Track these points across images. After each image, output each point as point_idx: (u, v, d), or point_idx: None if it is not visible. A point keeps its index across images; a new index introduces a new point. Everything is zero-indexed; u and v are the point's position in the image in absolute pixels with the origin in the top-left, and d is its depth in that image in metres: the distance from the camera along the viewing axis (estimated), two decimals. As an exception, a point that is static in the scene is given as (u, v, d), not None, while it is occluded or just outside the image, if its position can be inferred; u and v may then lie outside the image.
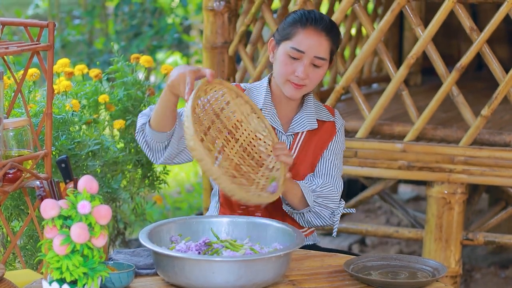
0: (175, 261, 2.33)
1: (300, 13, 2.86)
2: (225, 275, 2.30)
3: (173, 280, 2.36)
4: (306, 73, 2.81)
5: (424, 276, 2.42)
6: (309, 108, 2.93)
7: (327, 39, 2.83)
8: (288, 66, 2.83)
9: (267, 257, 2.33)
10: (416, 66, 6.31)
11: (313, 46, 2.81)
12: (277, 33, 2.89)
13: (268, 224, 2.61)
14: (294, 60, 2.82)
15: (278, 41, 2.87)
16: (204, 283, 2.31)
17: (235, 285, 2.31)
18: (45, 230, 2.07)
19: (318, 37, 2.82)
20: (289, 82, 2.83)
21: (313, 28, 2.82)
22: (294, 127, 2.92)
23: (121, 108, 4.01)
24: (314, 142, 2.94)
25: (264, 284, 2.36)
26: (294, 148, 2.92)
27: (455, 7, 3.96)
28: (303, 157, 2.92)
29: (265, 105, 2.90)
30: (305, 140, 2.93)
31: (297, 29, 2.83)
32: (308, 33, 2.82)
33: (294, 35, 2.82)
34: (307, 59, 2.81)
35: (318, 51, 2.82)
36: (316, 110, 2.96)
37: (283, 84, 2.85)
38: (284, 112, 2.94)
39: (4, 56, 2.93)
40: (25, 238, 3.61)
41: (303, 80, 2.82)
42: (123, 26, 6.74)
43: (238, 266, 2.30)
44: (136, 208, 4.15)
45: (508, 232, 5.07)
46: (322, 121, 2.96)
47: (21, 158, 2.94)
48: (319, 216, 2.85)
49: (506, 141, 4.06)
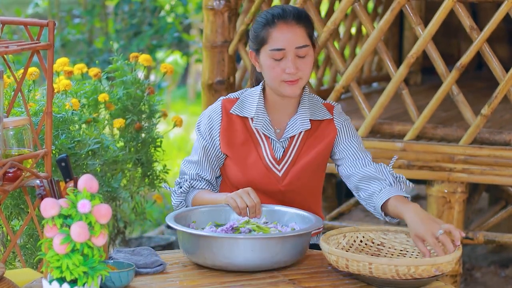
0: (217, 241, 2.48)
1: (264, 14, 2.86)
2: (263, 253, 2.47)
3: (210, 261, 2.50)
4: (295, 67, 2.80)
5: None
6: (303, 109, 2.91)
7: (299, 27, 2.82)
8: (276, 68, 2.82)
9: (302, 232, 2.54)
10: (416, 65, 6.31)
11: (290, 39, 2.80)
12: (251, 43, 2.88)
13: (286, 211, 2.77)
14: (279, 61, 2.81)
15: (257, 50, 2.86)
16: (243, 261, 2.48)
17: (272, 262, 2.50)
18: (45, 229, 2.07)
19: (290, 29, 2.81)
20: (284, 82, 2.82)
21: (282, 22, 2.81)
22: (288, 132, 2.90)
23: (121, 107, 4.01)
24: (312, 141, 2.91)
25: (292, 261, 2.56)
26: (289, 152, 2.91)
27: (455, 6, 3.96)
28: (301, 159, 2.91)
29: (257, 113, 2.89)
30: (301, 142, 2.91)
31: (268, 31, 2.82)
32: (280, 29, 2.81)
33: (268, 37, 2.81)
34: (291, 54, 2.80)
35: (296, 42, 2.81)
36: (311, 110, 2.92)
37: (279, 87, 2.83)
38: (280, 118, 2.92)
39: (4, 55, 2.93)
40: (25, 237, 3.61)
41: (295, 74, 2.81)
42: (123, 25, 6.74)
43: (275, 243, 2.48)
44: (136, 207, 4.15)
45: (508, 231, 5.06)
46: (318, 120, 2.93)
47: (21, 157, 2.94)
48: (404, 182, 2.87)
49: (506, 140, 4.06)
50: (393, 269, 2.34)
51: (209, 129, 2.91)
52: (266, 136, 2.89)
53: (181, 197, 2.92)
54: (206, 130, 2.92)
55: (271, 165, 2.88)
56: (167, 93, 10.43)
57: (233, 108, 2.91)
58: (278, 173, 2.89)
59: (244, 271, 2.51)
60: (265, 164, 2.88)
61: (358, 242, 2.64)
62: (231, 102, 2.92)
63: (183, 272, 2.54)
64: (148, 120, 4.10)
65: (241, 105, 2.91)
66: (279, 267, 2.54)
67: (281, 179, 2.89)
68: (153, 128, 4.11)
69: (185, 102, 11.26)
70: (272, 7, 2.90)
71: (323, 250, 2.46)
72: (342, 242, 2.61)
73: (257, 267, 2.50)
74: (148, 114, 4.09)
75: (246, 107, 2.91)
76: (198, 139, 2.95)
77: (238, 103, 2.92)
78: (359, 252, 2.62)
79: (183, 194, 2.92)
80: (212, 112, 2.93)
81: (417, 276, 2.36)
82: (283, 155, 2.89)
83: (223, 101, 2.93)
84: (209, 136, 2.91)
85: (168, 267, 2.57)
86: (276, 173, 2.89)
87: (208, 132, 2.91)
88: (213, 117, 2.91)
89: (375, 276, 2.37)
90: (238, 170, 2.90)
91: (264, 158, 2.88)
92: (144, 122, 4.09)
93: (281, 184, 2.88)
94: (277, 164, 2.89)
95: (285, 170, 2.89)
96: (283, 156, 2.89)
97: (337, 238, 2.61)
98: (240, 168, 2.90)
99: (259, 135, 2.90)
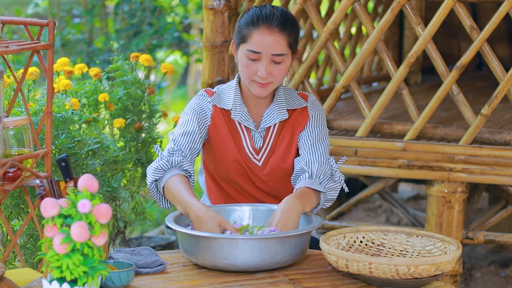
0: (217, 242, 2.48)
1: (251, 13, 2.86)
2: (263, 253, 2.47)
3: (210, 262, 2.50)
4: (268, 72, 2.82)
5: None
6: (279, 100, 2.95)
7: (281, 34, 2.82)
8: (249, 67, 2.84)
9: (302, 232, 2.54)
10: (416, 65, 6.31)
11: (269, 45, 2.81)
12: (235, 36, 2.90)
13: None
14: (254, 61, 2.83)
15: (237, 44, 2.89)
16: (243, 262, 2.48)
17: (271, 262, 2.50)
18: (45, 229, 2.07)
19: (271, 35, 2.81)
20: (254, 82, 2.85)
21: (265, 26, 2.81)
22: (265, 122, 2.94)
23: (121, 107, 4.01)
24: (287, 129, 2.96)
25: (292, 261, 2.57)
26: (267, 141, 2.94)
27: (455, 6, 3.96)
28: (278, 147, 2.94)
29: (234, 105, 2.92)
30: (278, 131, 2.95)
31: (250, 31, 2.83)
32: (261, 32, 2.81)
33: (249, 37, 2.83)
34: (266, 59, 2.82)
35: (274, 49, 2.81)
36: (287, 100, 2.97)
37: (249, 85, 2.88)
38: (257, 109, 2.96)
39: (4, 55, 2.93)
40: (25, 237, 3.61)
41: (266, 78, 2.83)
42: (123, 25, 6.73)
43: (275, 243, 2.49)
44: (136, 207, 4.15)
45: (508, 231, 5.07)
46: (293, 109, 2.97)
47: (21, 157, 2.94)
48: (330, 189, 2.87)
49: (506, 140, 4.06)
50: (393, 269, 2.34)
51: (200, 109, 2.94)
52: (246, 127, 2.94)
53: (159, 173, 2.82)
54: (196, 109, 2.93)
55: (251, 155, 2.93)
56: (167, 93, 10.43)
57: (211, 99, 2.95)
58: (258, 163, 2.93)
59: (244, 272, 2.51)
60: (246, 154, 2.92)
61: (358, 243, 2.64)
62: (210, 94, 2.98)
63: (183, 272, 2.54)
64: (148, 120, 4.10)
65: (218, 98, 2.95)
66: (279, 267, 2.54)
67: (261, 168, 2.93)
68: (153, 128, 4.11)
69: (185, 102, 11.26)
70: (264, 5, 2.89)
71: (323, 250, 2.46)
72: (342, 243, 2.61)
73: (257, 267, 2.50)
74: (148, 114, 4.09)
75: (223, 100, 2.95)
76: (188, 113, 2.94)
77: (215, 96, 2.96)
78: (359, 252, 2.62)
79: (161, 171, 2.82)
80: (202, 97, 2.97)
81: (417, 276, 2.36)
82: (261, 145, 2.94)
83: (206, 90, 2.99)
84: (201, 114, 2.93)
85: (168, 267, 2.57)
86: (256, 163, 2.92)
87: (199, 110, 2.93)
88: (205, 101, 2.96)
89: (375, 276, 2.37)
90: (220, 161, 2.93)
91: (245, 149, 2.92)
92: (144, 122, 4.09)
93: (262, 173, 2.92)
94: (256, 155, 2.93)
95: (264, 160, 2.94)
96: (261, 147, 2.94)
97: (337, 239, 2.61)
98: (221, 159, 2.93)
99: (239, 127, 2.94)
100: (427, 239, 2.62)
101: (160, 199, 2.87)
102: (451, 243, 2.53)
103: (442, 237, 2.58)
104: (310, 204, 2.78)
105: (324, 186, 2.84)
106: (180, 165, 2.81)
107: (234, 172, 2.93)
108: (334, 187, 2.88)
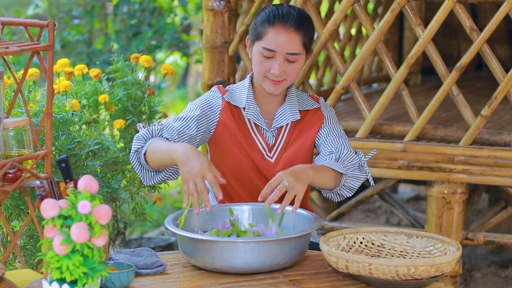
0: (217, 245, 2.47)
1: (268, 11, 2.88)
2: (262, 255, 2.47)
3: (209, 265, 2.49)
4: (281, 70, 2.84)
5: None
6: (292, 101, 2.97)
7: (297, 34, 2.84)
8: (263, 64, 2.86)
9: (301, 234, 2.53)
10: (416, 66, 6.31)
11: (284, 43, 2.83)
12: (250, 33, 2.93)
13: (285, 210, 2.71)
14: (268, 59, 2.85)
15: (252, 41, 2.91)
16: (243, 265, 2.47)
17: (271, 264, 2.49)
18: (45, 230, 2.07)
19: (287, 33, 2.83)
20: (267, 79, 2.87)
21: (281, 25, 2.83)
22: (278, 121, 2.96)
23: (121, 108, 4.01)
24: (301, 129, 2.97)
25: (292, 262, 2.56)
26: (279, 140, 2.95)
27: (455, 7, 3.96)
28: (291, 146, 2.95)
29: (247, 103, 2.94)
30: (290, 130, 2.97)
31: (266, 28, 2.85)
32: (277, 31, 2.83)
33: (264, 34, 2.85)
34: (280, 57, 2.84)
35: (289, 48, 2.84)
36: (299, 101, 2.99)
37: (262, 81, 2.90)
38: (269, 107, 2.98)
39: (4, 56, 2.93)
40: (25, 238, 3.61)
41: (280, 76, 2.85)
42: (123, 25, 6.73)
43: (275, 245, 2.48)
44: (136, 207, 4.15)
45: (508, 231, 5.07)
46: (306, 110, 2.99)
47: (21, 158, 2.94)
48: (354, 177, 2.89)
49: (506, 140, 4.06)
50: (392, 270, 2.34)
51: (207, 105, 2.93)
52: (257, 125, 2.95)
53: (139, 142, 2.80)
54: (203, 104, 2.93)
55: (264, 152, 2.94)
56: (167, 93, 10.43)
57: (225, 96, 2.96)
58: (270, 160, 2.95)
59: (244, 274, 2.51)
60: (258, 150, 2.94)
61: (358, 244, 2.64)
62: (223, 91, 2.99)
63: (183, 273, 2.54)
64: (149, 121, 4.10)
65: (231, 95, 2.97)
66: (279, 268, 2.54)
67: (273, 165, 2.94)
68: (153, 129, 4.11)
69: (185, 103, 11.26)
70: (281, 4, 2.92)
71: (323, 251, 2.46)
72: (342, 244, 2.61)
73: (257, 269, 2.49)
74: (149, 115, 4.09)
75: (236, 98, 2.96)
76: (192, 108, 2.92)
77: (228, 93, 2.98)
78: (359, 253, 2.62)
79: (142, 141, 2.79)
80: (213, 93, 2.98)
81: (416, 277, 2.36)
82: (273, 143, 2.95)
83: (218, 87, 3.00)
84: (207, 110, 2.92)
85: (168, 268, 2.57)
86: (269, 160, 2.94)
87: (205, 106, 2.92)
88: (215, 97, 2.96)
89: (374, 276, 2.37)
90: (232, 157, 2.93)
91: (257, 145, 2.94)
92: (144, 123, 4.09)
93: (275, 169, 2.92)
94: (269, 152, 2.95)
95: (277, 157, 2.95)
96: (273, 144, 2.95)
97: (337, 240, 2.61)
98: (233, 155, 2.93)
99: (250, 125, 2.95)
100: (427, 240, 2.62)
101: (143, 171, 2.83)
102: (451, 244, 2.53)
103: (442, 238, 2.58)
104: (323, 179, 2.79)
105: (347, 170, 2.86)
106: (160, 135, 2.80)
107: (247, 167, 2.93)
108: (357, 176, 2.90)
